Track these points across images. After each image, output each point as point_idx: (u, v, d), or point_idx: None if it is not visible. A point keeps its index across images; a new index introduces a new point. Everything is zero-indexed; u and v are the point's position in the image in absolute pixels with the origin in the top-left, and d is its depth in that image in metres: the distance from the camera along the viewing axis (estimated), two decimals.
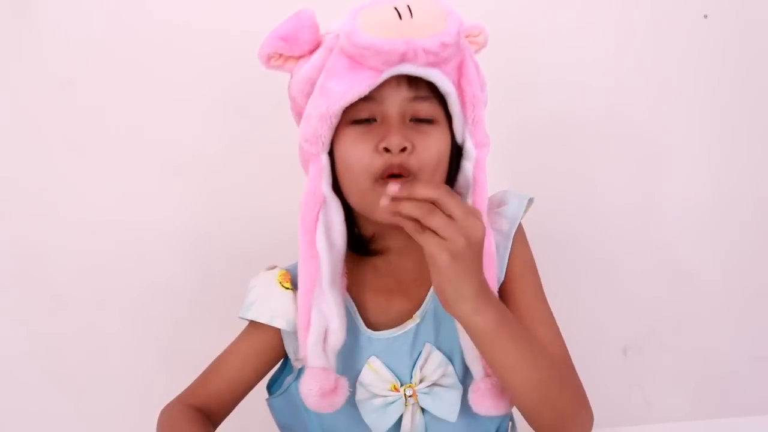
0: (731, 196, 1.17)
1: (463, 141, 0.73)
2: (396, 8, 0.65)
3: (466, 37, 0.73)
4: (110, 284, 1.12)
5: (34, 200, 1.11)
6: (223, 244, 1.13)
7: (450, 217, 0.59)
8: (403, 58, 0.65)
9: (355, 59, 0.66)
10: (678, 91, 1.16)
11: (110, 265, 1.12)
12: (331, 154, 0.71)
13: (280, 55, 0.72)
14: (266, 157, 1.12)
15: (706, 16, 1.15)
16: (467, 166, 0.73)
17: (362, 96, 0.66)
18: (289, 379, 0.80)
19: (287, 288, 0.76)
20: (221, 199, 1.13)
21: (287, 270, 0.79)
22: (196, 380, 0.79)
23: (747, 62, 1.16)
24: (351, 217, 0.74)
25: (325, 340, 0.71)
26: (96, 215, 1.12)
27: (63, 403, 1.13)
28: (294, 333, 0.74)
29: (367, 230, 0.76)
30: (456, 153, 0.73)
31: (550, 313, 0.74)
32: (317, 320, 0.71)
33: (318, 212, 0.71)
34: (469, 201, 0.72)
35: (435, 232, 0.59)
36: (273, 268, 0.80)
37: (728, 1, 1.16)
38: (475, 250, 0.61)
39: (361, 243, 0.76)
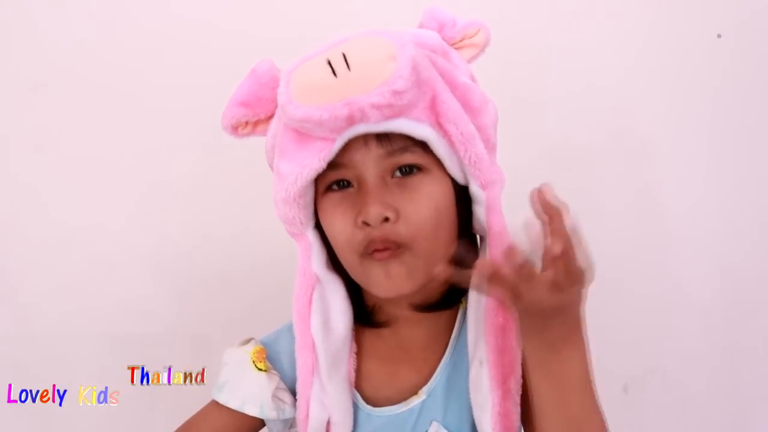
0: (744, 229, 1.10)
1: (467, 183, 0.62)
2: (329, 61, 0.55)
3: (461, 40, 0.64)
4: (77, 304, 1.06)
5: None
6: (201, 264, 1.07)
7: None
8: (350, 122, 0.55)
9: (301, 131, 0.57)
10: (690, 112, 1.11)
11: (78, 283, 1.06)
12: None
13: (246, 122, 0.64)
14: (248, 175, 1.02)
15: (719, 36, 1.11)
16: (478, 210, 0.62)
17: (320, 171, 0.57)
18: None
19: (261, 369, 0.68)
20: (200, 217, 1.07)
21: (263, 346, 0.70)
22: None
23: (761, 83, 1.11)
24: (356, 287, 0.66)
25: None
26: (64, 230, 1.06)
27: (21, 429, 1.05)
28: (274, 419, 0.67)
29: (369, 300, 0.68)
30: (465, 196, 0.63)
31: None
32: (317, 413, 0.64)
33: (311, 295, 0.64)
34: (487, 251, 0.63)
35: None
36: (248, 341, 0.71)
37: (742, 21, 1.11)
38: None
39: (364, 315, 0.68)
